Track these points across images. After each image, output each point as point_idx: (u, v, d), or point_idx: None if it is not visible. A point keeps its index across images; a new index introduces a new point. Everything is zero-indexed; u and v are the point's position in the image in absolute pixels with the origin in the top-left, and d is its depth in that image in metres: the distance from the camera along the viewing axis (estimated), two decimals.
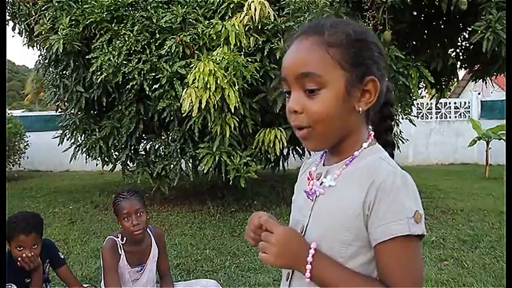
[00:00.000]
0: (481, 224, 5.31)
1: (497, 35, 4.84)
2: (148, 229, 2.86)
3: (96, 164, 6.99)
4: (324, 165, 1.11)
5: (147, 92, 5.41)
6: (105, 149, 6.13)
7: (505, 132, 9.22)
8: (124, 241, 2.77)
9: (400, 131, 7.55)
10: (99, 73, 5.50)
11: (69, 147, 6.77)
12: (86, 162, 6.78)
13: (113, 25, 5.66)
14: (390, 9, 5.15)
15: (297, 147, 6.97)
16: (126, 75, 5.40)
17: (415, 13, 6.10)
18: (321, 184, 1.05)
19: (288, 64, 1.02)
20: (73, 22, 5.71)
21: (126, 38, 5.47)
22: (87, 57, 5.74)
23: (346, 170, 1.02)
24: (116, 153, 6.33)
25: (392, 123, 1.17)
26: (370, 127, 1.10)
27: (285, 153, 6.80)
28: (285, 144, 5.63)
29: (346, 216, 0.97)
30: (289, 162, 7.34)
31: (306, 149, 6.62)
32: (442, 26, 6.55)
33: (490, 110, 12.15)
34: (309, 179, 1.11)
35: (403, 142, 7.77)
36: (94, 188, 8.58)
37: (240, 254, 4.44)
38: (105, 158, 6.36)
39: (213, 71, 4.76)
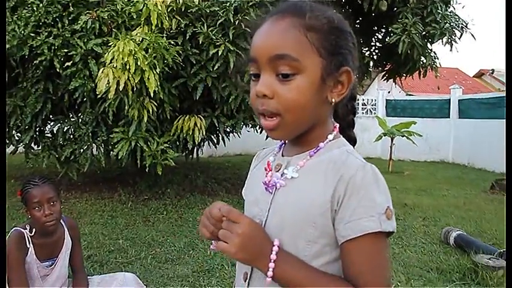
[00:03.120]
0: None
1: (412, 38, 5.12)
2: (61, 219, 2.61)
3: None
4: (283, 155, 1.04)
5: (58, 70, 4.98)
6: (6, 129, 5.55)
7: (407, 129, 9.91)
8: (33, 233, 2.50)
9: None
10: None
11: None
12: None
13: None
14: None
15: (211, 136, 6.85)
16: (34, 50, 4.92)
17: (335, 10, 6.25)
18: (282, 176, 0.98)
19: (260, 44, 0.93)
20: None
21: (35, 8, 4.97)
22: None
23: (310, 161, 0.96)
24: (19, 134, 5.77)
25: (355, 118, 1.14)
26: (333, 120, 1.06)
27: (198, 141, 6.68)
28: (205, 132, 5.52)
29: (312, 211, 0.91)
30: (202, 151, 7.24)
31: (220, 138, 6.57)
32: (358, 26, 6.81)
33: (393, 108, 12.98)
34: (266, 170, 1.03)
35: None
36: None
37: (156, 245, 4.27)
38: (6, 140, 5.77)
39: (133, 52, 4.49)
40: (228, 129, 6.58)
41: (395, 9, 5.32)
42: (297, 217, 0.92)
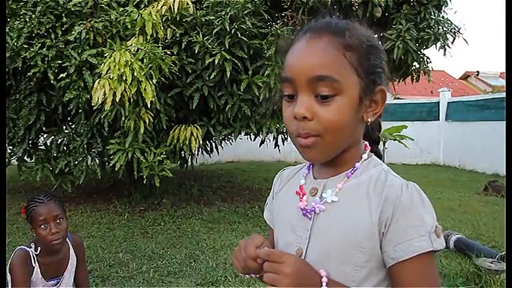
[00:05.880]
0: None
1: (406, 44, 5.15)
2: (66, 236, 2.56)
3: None
4: (314, 178, 1.01)
5: (52, 81, 4.90)
6: None
7: (398, 133, 9.96)
8: (38, 251, 2.44)
9: None
10: None
11: None
12: None
13: (10, 3, 5.06)
14: (310, 11, 5.23)
15: (205, 145, 6.79)
16: (27, 61, 4.85)
17: (329, 16, 6.27)
18: (320, 200, 0.95)
19: (298, 64, 0.90)
20: None
21: (27, 19, 4.90)
22: None
23: (348, 183, 0.94)
24: (11, 147, 5.66)
25: (380, 135, 1.13)
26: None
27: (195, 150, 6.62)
28: (201, 142, 5.47)
29: (358, 236, 0.89)
30: (197, 159, 7.20)
31: (215, 146, 6.53)
32: None
33: (383, 112, 13.02)
34: (299, 194, 1.00)
35: None
36: None
37: (157, 257, 4.21)
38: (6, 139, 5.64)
39: (129, 62, 4.44)
40: (221, 138, 6.56)
41: (388, 15, 5.35)
42: (343, 243, 0.90)
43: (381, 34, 5.57)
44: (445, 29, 5.65)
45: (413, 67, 6.23)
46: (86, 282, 2.72)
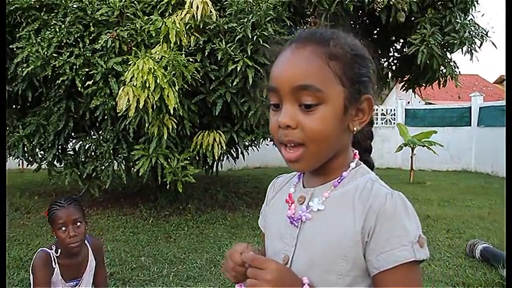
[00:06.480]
0: None
1: (430, 48, 5.07)
2: (85, 239, 2.64)
3: (19, 164, 6.46)
4: (304, 186, 1.02)
5: (79, 89, 5.06)
6: (30, 147, 5.65)
7: (427, 139, 9.78)
8: (58, 253, 2.53)
9: None
10: (25, 65, 5.06)
11: None
12: None
13: (42, 14, 5.26)
14: (332, 17, 5.22)
15: (231, 151, 6.86)
16: (57, 69, 5.02)
17: (353, 22, 6.25)
18: (307, 208, 0.96)
19: (282, 73, 0.91)
20: None
21: (57, 29, 5.08)
22: (10, 46, 5.27)
23: (335, 192, 0.95)
24: (42, 152, 5.87)
25: (372, 143, 1.13)
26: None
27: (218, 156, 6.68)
28: (224, 147, 5.53)
29: (342, 244, 0.89)
30: (222, 165, 7.25)
31: (240, 153, 6.56)
32: (376, 37, 6.78)
33: (413, 117, 12.82)
34: (288, 202, 1.01)
35: None
36: (13, 188, 7.90)
37: (178, 262, 4.27)
38: (29, 158, 5.87)
39: (152, 70, 4.54)
40: (246, 143, 6.60)
41: (413, 19, 5.28)
42: (327, 251, 0.91)
43: (406, 39, 5.51)
44: (471, 32, 5.53)
45: (440, 72, 6.11)
46: (104, 285, 2.80)
